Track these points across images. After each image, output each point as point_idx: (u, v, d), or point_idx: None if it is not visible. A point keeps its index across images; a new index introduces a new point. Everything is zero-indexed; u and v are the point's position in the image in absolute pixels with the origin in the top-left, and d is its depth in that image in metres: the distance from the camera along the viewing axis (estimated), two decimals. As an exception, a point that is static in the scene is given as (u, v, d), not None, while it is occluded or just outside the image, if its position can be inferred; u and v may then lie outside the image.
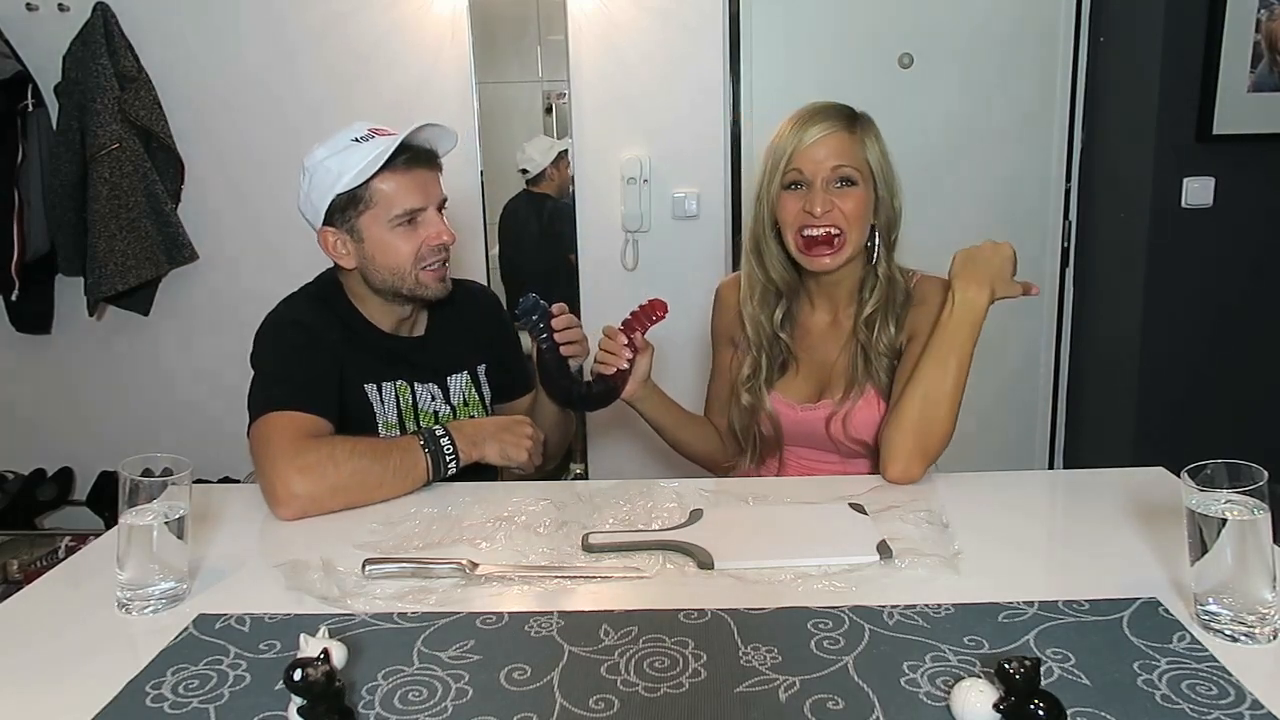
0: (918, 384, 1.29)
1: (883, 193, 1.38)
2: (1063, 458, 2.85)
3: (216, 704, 0.79)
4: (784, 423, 1.46)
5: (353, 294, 1.46)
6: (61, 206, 2.53)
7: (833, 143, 1.35)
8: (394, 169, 1.35)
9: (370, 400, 1.43)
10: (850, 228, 1.36)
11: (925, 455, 1.28)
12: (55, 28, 2.52)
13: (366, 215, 1.37)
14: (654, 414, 1.52)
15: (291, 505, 1.21)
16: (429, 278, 1.41)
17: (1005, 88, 2.64)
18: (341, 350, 1.40)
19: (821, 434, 1.43)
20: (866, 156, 1.37)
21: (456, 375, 1.53)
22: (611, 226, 2.68)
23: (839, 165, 1.35)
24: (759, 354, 1.47)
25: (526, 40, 2.70)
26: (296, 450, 1.23)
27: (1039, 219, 2.71)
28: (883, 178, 1.38)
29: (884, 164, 1.38)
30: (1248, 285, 2.48)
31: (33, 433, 2.81)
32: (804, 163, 1.36)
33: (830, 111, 1.37)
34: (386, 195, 1.36)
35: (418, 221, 1.38)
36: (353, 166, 1.34)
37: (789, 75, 2.62)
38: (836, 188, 1.36)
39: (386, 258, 1.38)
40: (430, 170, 1.41)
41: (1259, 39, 2.31)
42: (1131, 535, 1.09)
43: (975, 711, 0.71)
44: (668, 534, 1.10)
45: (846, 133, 1.36)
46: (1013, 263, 1.33)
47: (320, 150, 1.38)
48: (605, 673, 0.81)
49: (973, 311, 1.30)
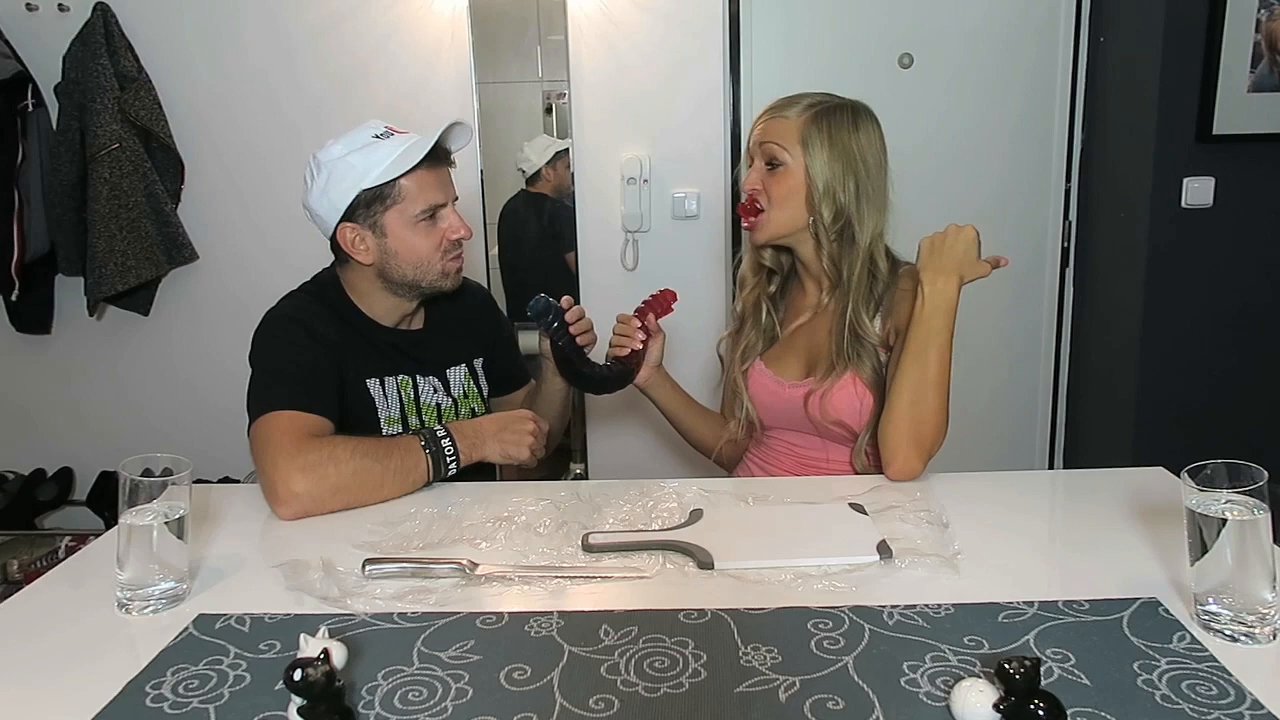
0: (901, 381, 1.31)
1: (822, 179, 1.37)
2: (1063, 458, 2.85)
3: (216, 704, 0.79)
4: (768, 399, 1.49)
5: (353, 290, 1.47)
6: (61, 206, 2.53)
7: (771, 124, 1.42)
8: (422, 164, 1.38)
9: (373, 395, 1.43)
10: (772, 206, 1.40)
11: (921, 448, 1.29)
12: (55, 28, 2.51)
13: (392, 211, 1.39)
14: (665, 400, 1.58)
15: (292, 505, 1.21)
16: (452, 267, 1.45)
17: (1005, 88, 2.64)
18: (342, 347, 1.41)
19: (801, 414, 1.44)
20: (800, 141, 1.38)
21: (455, 368, 1.54)
22: (611, 226, 2.68)
23: (766, 143, 1.41)
24: (744, 321, 1.54)
25: (526, 40, 2.70)
26: (297, 449, 1.23)
27: (1039, 219, 2.71)
28: (824, 165, 1.37)
29: (829, 153, 1.38)
30: (1248, 285, 2.48)
31: (33, 433, 2.81)
32: (751, 140, 1.45)
33: (794, 98, 1.43)
34: (411, 192, 1.38)
35: (438, 217, 1.41)
36: (379, 163, 1.36)
37: (789, 75, 2.62)
38: (767, 168, 1.41)
39: (409, 253, 1.40)
40: (448, 167, 1.44)
41: (1259, 39, 2.31)
42: (1131, 535, 1.09)
43: (975, 711, 0.71)
44: (668, 534, 1.10)
45: (784, 118, 1.41)
46: (977, 244, 1.34)
47: (337, 146, 1.39)
48: (605, 673, 0.81)
49: (945, 301, 1.31)
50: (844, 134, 1.39)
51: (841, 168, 1.38)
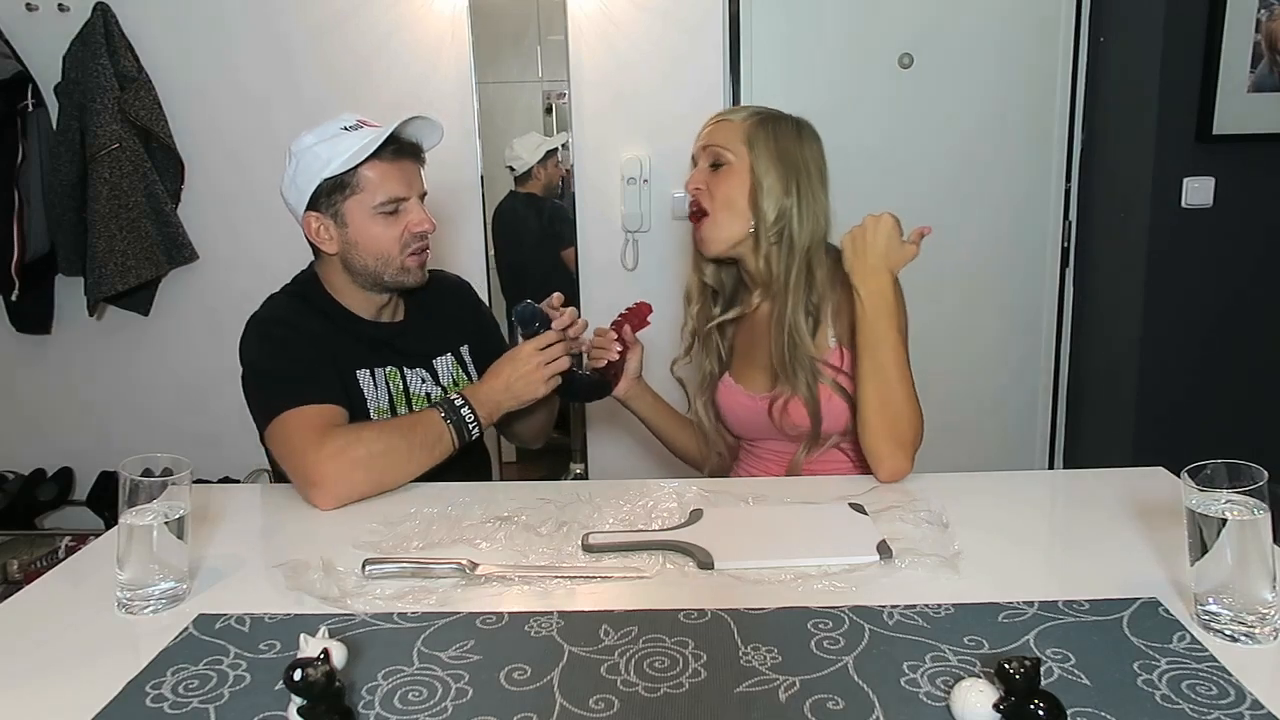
0: (865, 387, 1.31)
1: (766, 178, 1.37)
2: (1063, 458, 2.85)
3: (216, 704, 0.79)
4: (742, 414, 1.48)
5: (331, 286, 1.48)
6: (61, 206, 2.53)
7: (716, 128, 1.43)
8: (381, 158, 1.39)
9: (362, 386, 1.44)
10: (717, 208, 1.40)
11: (902, 446, 1.29)
12: (55, 28, 2.51)
13: (351, 200, 1.40)
14: (646, 413, 1.59)
15: (327, 490, 1.23)
16: (413, 263, 1.44)
17: (1005, 88, 2.64)
18: (328, 341, 1.42)
19: (767, 422, 1.44)
20: (745, 140, 1.38)
21: (441, 358, 1.55)
22: (611, 226, 2.68)
23: (709, 145, 1.42)
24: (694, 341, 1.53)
25: (526, 40, 2.70)
26: (321, 439, 1.25)
27: (1039, 219, 2.70)
28: (767, 165, 1.38)
29: (774, 153, 1.38)
30: (1248, 285, 2.48)
31: (33, 433, 2.81)
32: (696, 144, 1.45)
33: (741, 107, 1.45)
34: (372, 182, 1.40)
35: (400, 210, 1.42)
36: (341, 153, 1.38)
37: (789, 75, 2.62)
38: (711, 168, 1.41)
39: (370, 244, 1.42)
40: (414, 162, 1.45)
41: (1259, 39, 2.32)
42: (1131, 535, 1.09)
43: (975, 711, 0.71)
44: (668, 534, 1.10)
45: (730, 121, 1.41)
46: (898, 229, 1.33)
47: (308, 137, 1.41)
48: (605, 673, 0.81)
49: (882, 301, 1.31)
50: (788, 140, 1.40)
51: (784, 169, 1.38)
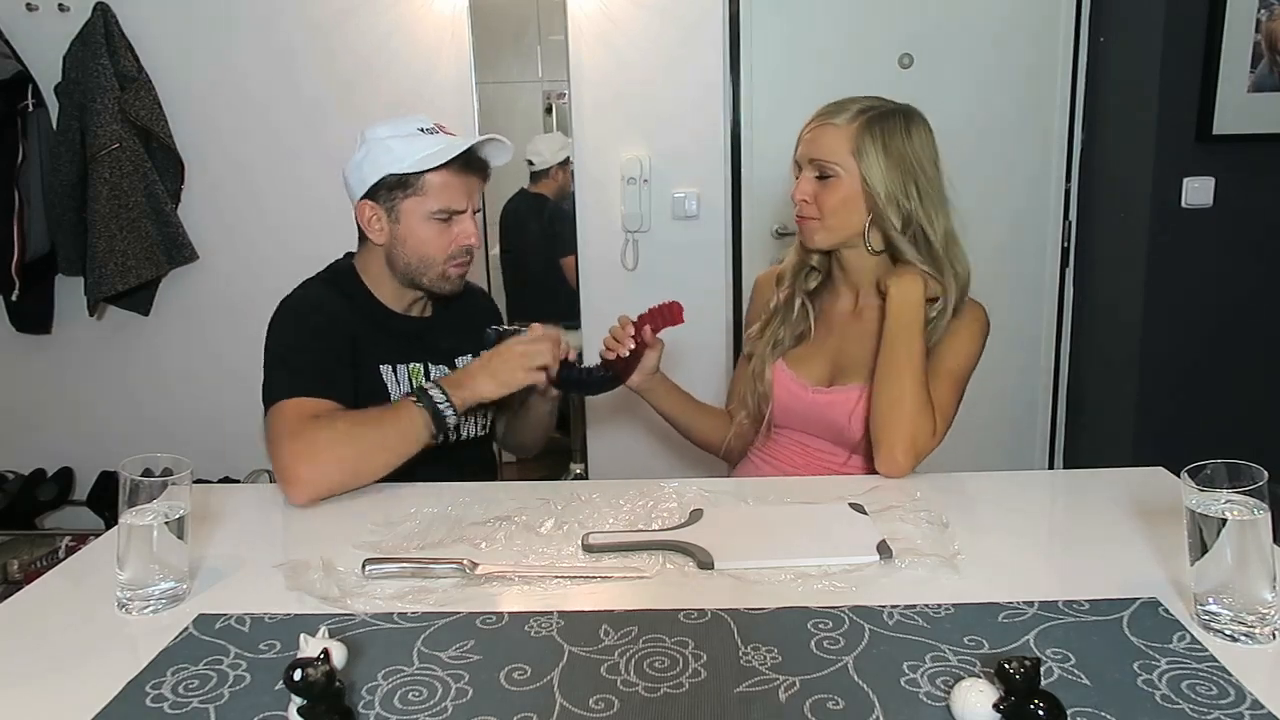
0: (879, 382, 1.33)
1: (883, 188, 1.35)
2: (1063, 458, 2.85)
3: (216, 704, 0.79)
4: (786, 399, 1.47)
5: (368, 275, 1.50)
6: (61, 206, 2.53)
7: (817, 134, 1.39)
8: (450, 168, 1.42)
9: (385, 381, 1.45)
10: (826, 215, 1.39)
11: (904, 445, 1.29)
12: (55, 28, 2.52)
13: (410, 200, 1.43)
14: (665, 404, 1.57)
15: (299, 487, 1.22)
16: (455, 272, 1.47)
17: (1005, 88, 2.64)
18: (356, 332, 1.44)
19: (826, 420, 1.43)
20: (853, 151, 1.36)
21: (464, 358, 1.56)
22: (611, 226, 2.68)
23: (814, 158, 1.39)
24: (774, 316, 1.52)
25: (526, 40, 2.70)
26: (297, 432, 1.25)
27: (1039, 219, 2.71)
28: (882, 175, 1.35)
29: (886, 162, 1.35)
30: (1248, 285, 2.49)
31: (33, 433, 2.81)
32: (799, 149, 1.42)
33: (842, 103, 1.40)
34: (435, 188, 1.42)
35: (453, 221, 1.45)
36: (415, 153, 1.40)
37: (789, 75, 2.62)
38: (817, 178, 1.39)
39: (418, 245, 1.44)
40: (479, 179, 1.48)
41: (1259, 39, 2.32)
42: (1131, 535, 1.09)
43: (975, 711, 0.71)
44: (668, 534, 1.10)
45: (833, 126, 1.38)
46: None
47: (383, 128, 1.44)
48: (605, 673, 0.81)
49: (908, 305, 1.33)
50: (898, 140, 1.36)
51: (899, 174, 1.36)
